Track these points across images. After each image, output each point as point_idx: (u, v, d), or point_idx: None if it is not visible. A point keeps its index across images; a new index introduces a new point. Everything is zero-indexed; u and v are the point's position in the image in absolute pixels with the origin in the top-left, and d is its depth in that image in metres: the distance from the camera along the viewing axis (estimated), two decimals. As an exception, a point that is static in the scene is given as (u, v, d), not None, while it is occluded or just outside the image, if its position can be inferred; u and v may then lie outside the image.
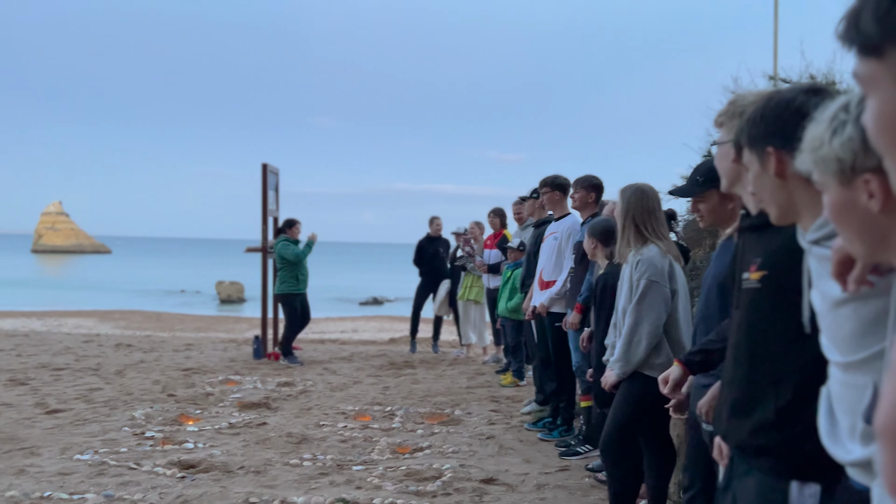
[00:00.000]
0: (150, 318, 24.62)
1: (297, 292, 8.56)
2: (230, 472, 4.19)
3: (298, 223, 8.71)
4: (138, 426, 5.24)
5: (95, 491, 3.81)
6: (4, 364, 8.01)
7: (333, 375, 7.56)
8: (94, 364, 8.06)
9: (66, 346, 9.75)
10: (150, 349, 9.52)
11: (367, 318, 25.92)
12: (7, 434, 4.98)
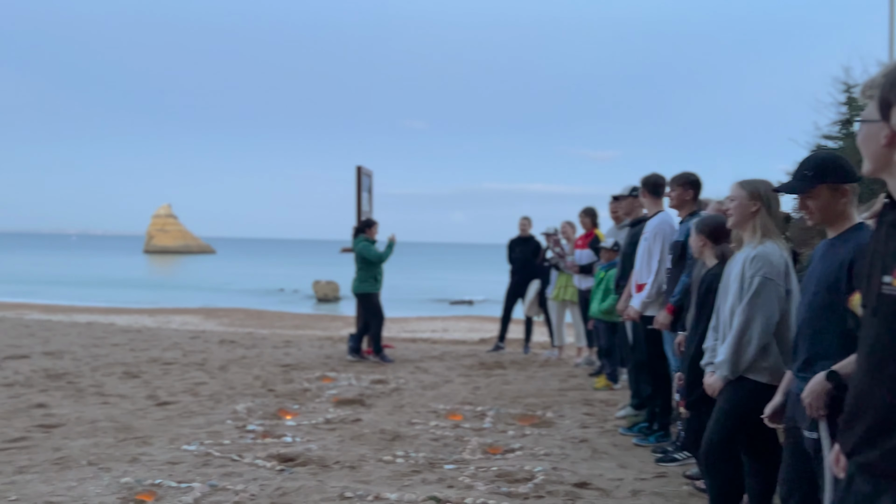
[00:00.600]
0: (251, 316, 25.64)
1: (376, 291, 8.72)
2: (326, 467, 4.30)
3: (376, 224, 8.84)
4: (240, 419, 5.46)
5: (201, 480, 3.99)
6: (119, 358, 8.54)
7: (425, 374, 7.63)
8: (199, 359, 8.47)
9: (175, 341, 10.29)
10: (252, 345, 9.92)
11: (457, 318, 26.04)
12: (122, 424, 5.29)
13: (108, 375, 7.30)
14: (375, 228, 8.81)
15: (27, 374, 7.28)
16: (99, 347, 9.44)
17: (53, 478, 4.02)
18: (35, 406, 5.83)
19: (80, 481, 3.95)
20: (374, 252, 8.58)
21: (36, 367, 7.78)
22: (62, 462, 4.32)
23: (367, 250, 8.55)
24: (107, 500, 3.65)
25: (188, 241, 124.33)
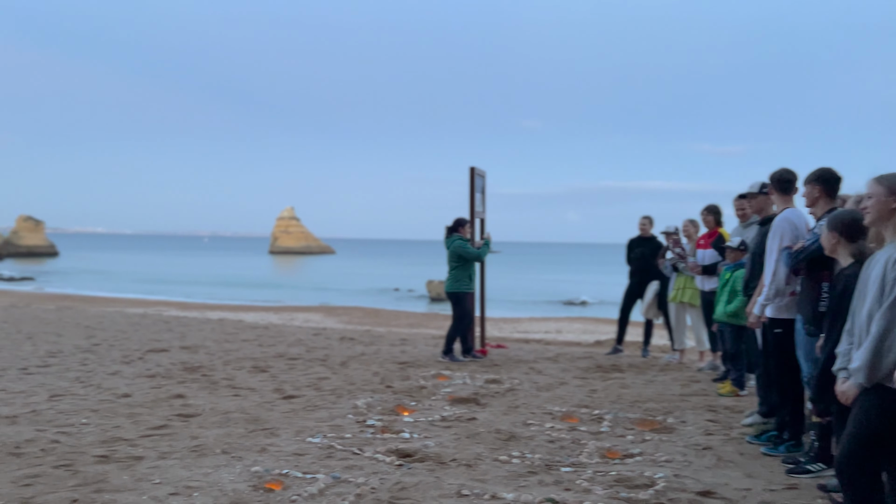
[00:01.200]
0: (369, 314, 26.40)
1: (469, 291, 8.67)
2: (443, 464, 4.36)
3: (469, 223, 8.81)
4: (360, 414, 5.63)
5: (325, 472, 4.14)
6: (249, 353, 9.02)
7: (539, 375, 7.58)
8: (321, 355, 8.81)
9: (299, 338, 10.75)
10: (370, 343, 10.21)
11: (570, 320, 25.71)
12: (252, 415, 5.59)
13: (239, 369, 7.73)
14: (468, 227, 8.78)
15: (167, 367, 7.83)
16: (230, 343, 10.02)
17: (191, 464, 4.30)
18: (174, 396, 6.26)
19: (214, 468, 4.21)
20: (472, 250, 8.55)
21: (174, 360, 8.35)
22: (199, 449, 4.61)
23: (463, 248, 8.51)
24: (239, 487, 3.87)
25: (309, 242, 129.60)
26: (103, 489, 3.82)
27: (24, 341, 9.86)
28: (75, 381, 6.98)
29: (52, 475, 4.05)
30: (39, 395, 6.25)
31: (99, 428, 5.14)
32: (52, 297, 33.10)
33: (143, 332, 11.17)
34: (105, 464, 4.28)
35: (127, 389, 6.55)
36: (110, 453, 4.50)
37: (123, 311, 17.18)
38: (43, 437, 4.88)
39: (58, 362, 8.07)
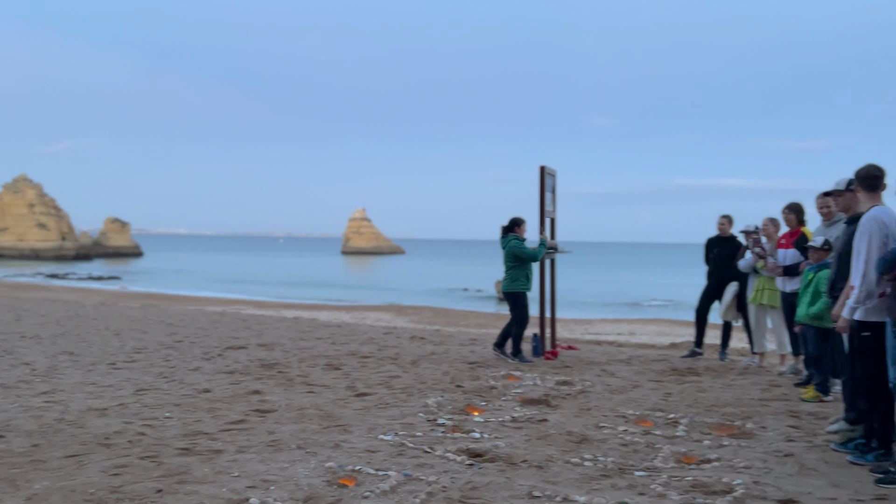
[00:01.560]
0: (438, 314, 26.56)
1: (526, 291, 8.59)
2: (514, 465, 4.34)
3: (525, 222, 8.72)
4: (431, 413, 5.67)
5: (396, 469, 4.19)
6: (322, 350, 9.21)
7: (612, 378, 7.46)
8: (392, 354, 8.91)
9: (370, 336, 10.91)
10: (440, 342, 10.27)
11: (644, 321, 25.20)
12: (326, 412, 5.70)
13: (313, 366, 7.90)
14: (524, 227, 8.70)
15: (245, 363, 8.08)
16: (305, 340, 10.26)
17: (268, 458, 4.42)
18: (252, 392, 6.45)
19: (290, 463, 4.31)
20: (527, 250, 8.48)
21: (252, 357, 8.61)
22: (275, 444, 4.73)
23: (519, 248, 8.46)
24: (313, 482, 3.95)
25: (380, 242, 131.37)
26: (186, 480, 3.97)
27: (112, 337, 10.35)
28: (159, 376, 7.28)
29: (139, 466, 4.23)
30: (126, 389, 6.55)
31: (181, 421, 5.35)
32: (137, 295, 34.63)
33: (223, 330, 11.56)
34: (187, 456, 4.45)
35: (207, 385, 6.80)
36: (192, 446, 4.67)
37: (203, 310, 17.83)
38: (130, 429, 5.11)
39: (143, 358, 8.44)
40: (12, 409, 5.69)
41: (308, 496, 3.73)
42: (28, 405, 5.84)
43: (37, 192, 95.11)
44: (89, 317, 13.46)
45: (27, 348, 9.09)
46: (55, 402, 5.95)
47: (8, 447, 4.63)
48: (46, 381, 6.88)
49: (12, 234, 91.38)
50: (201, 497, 3.69)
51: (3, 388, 6.55)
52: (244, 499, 3.66)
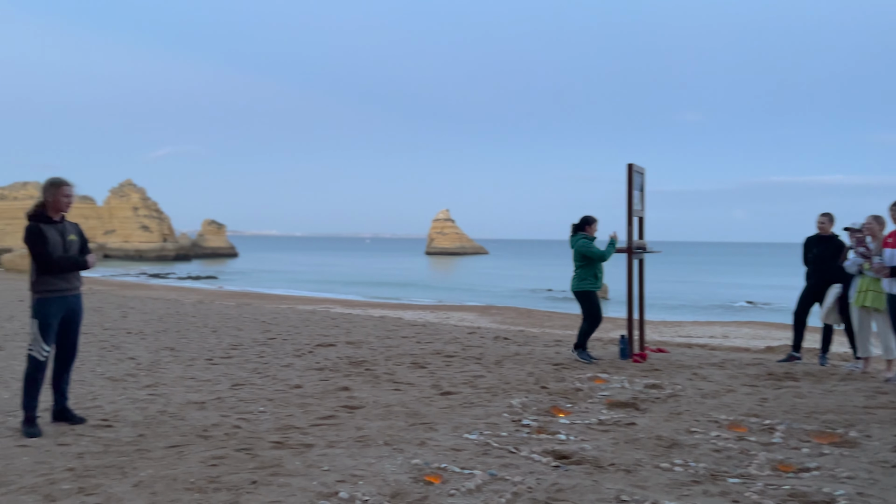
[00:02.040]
0: (521, 314, 26.44)
1: (595, 290, 8.53)
2: (601, 468, 4.27)
3: (596, 221, 8.66)
4: (516, 413, 5.66)
5: (482, 468, 4.20)
6: (408, 349, 9.34)
7: (704, 381, 7.23)
8: (476, 354, 8.94)
9: (454, 336, 10.98)
10: (524, 343, 10.22)
11: (738, 324, 24.28)
12: (411, 410, 5.78)
13: (399, 365, 8.02)
14: (595, 226, 8.65)
15: (334, 361, 8.28)
16: (391, 339, 10.42)
17: (356, 453, 4.52)
18: (341, 389, 6.62)
19: (378, 459, 4.40)
20: (595, 249, 8.41)
21: (341, 354, 8.82)
22: (363, 440, 4.83)
23: (587, 247, 8.41)
24: (400, 478, 4.01)
25: (464, 242, 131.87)
26: (279, 473, 4.11)
27: (209, 334, 10.82)
28: (253, 371, 7.56)
29: (235, 457, 4.42)
30: (223, 384, 6.84)
31: (274, 416, 5.54)
32: (232, 294, 36.05)
33: (313, 328, 11.90)
34: (280, 449, 4.61)
35: (298, 381, 7.01)
36: (284, 440, 4.83)
37: (295, 308, 18.39)
38: (226, 422, 5.34)
39: (238, 354, 8.79)
40: (120, 401, 6.04)
41: (395, 492, 3.79)
42: (134, 397, 6.19)
43: (140, 196, 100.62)
44: (188, 314, 14.13)
45: (133, 344, 9.63)
46: (158, 395, 6.28)
47: (116, 436, 4.92)
48: (150, 375, 7.28)
49: (118, 235, 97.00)
50: (293, 489, 3.81)
51: (111, 380, 6.96)
52: (334, 492, 3.76)
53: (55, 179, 5.17)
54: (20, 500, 3.64)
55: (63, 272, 5.10)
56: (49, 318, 5.06)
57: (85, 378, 6.98)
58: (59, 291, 5.10)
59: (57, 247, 5.07)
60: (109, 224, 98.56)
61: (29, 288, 5.17)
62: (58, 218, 5.17)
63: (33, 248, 5.01)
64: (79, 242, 5.25)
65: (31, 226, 5.04)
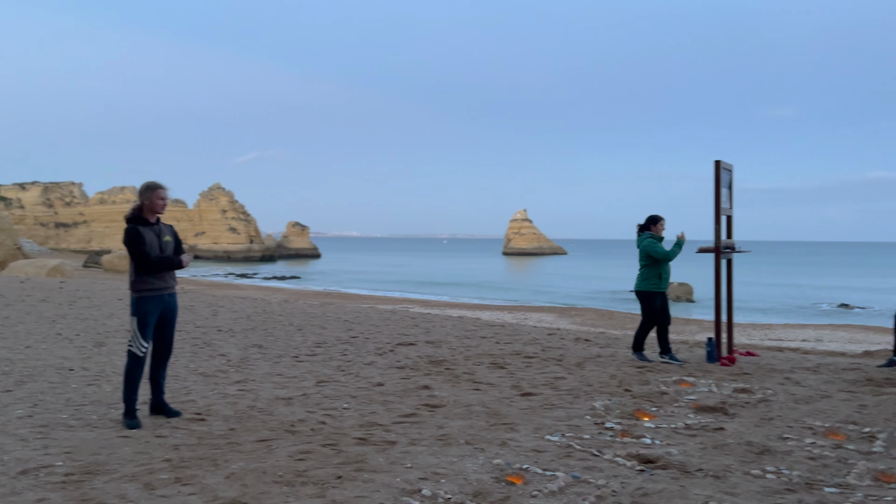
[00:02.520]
0: (602, 316, 26.01)
1: (659, 291, 8.39)
2: (688, 473, 4.16)
3: (663, 220, 8.50)
4: (598, 416, 5.57)
5: (564, 470, 4.16)
6: (487, 349, 9.34)
7: (797, 386, 6.92)
8: (557, 355, 8.85)
9: (534, 337, 10.90)
10: (606, 345, 10.05)
11: (833, 327, 23.16)
12: (492, 410, 5.78)
13: (479, 365, 8.03)
14: (662, 224, 8.50)
15: (414, 359, 8.37)
16: (469, 339, 10.45)
17: (438, 452, 4.55)
18: (421, 387, 6.68)
19: (459, 457, 4.42)
20: (660, 249, 8.25)
21: (421, 353, 8.91)
22: (444, 439, 4.87)
23: (652, 247, 8.27)
24: (482, 478, 4.02)
25: (541, 243, 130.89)
26: (363, 468, 4.19)
27: (295, 332, 11.13)
28: (337, 369, 7.74)
29: (320, 452, 4.53)
30: (308, 381, 7.02)
31: (358, 413, 5.65)
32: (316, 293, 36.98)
33: (393, 327, 12.06)
34: (363, 445, 4.69)
35: (380, 379, 7.13)
36: (368, 436, 4.92)
37: (375, 308, 18.69)
38: (312, 418, 5.48)
39: (322, 352, 9.01)
40: (212, 396, 6.29)
41: (477, 491, 3.80)
42: (225, 392, 6.44)
43: (228, 199, 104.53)
44: (275, 313, 14.58)
45: (223, 341, 10.01)
46: (247, 391, 6.51)
47: (209, 429, 5.13)
48: (240, 371, 7.55)
49: (208, 237, 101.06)
50: (377, 485, 3.88)
51: (203, 376, 7.26)
52: (417, 489, 3.80)
53: (151, 183, 5.43)
54: (123, 487, 3.85)
55: (159, 272, 5.35)
56: (147, 315, 5.32)
57: (179, 373, 7.31)
58: (156, 290, 5.36)
59: (153, 247, 5.32)
60: (199, 226, 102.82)
61: (128, 287, 5.45)
62: (154, 220, 5.43)
63: (132, 249, 5.27)
64: (173, 243, 5.50)
65: (129, 228, 5.32)
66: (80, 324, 11.67)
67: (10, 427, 5.07)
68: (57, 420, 5.31)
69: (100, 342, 9.60)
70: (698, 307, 32.50)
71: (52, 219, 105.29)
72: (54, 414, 5.50)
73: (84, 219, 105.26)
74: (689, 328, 21.49)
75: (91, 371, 7.40)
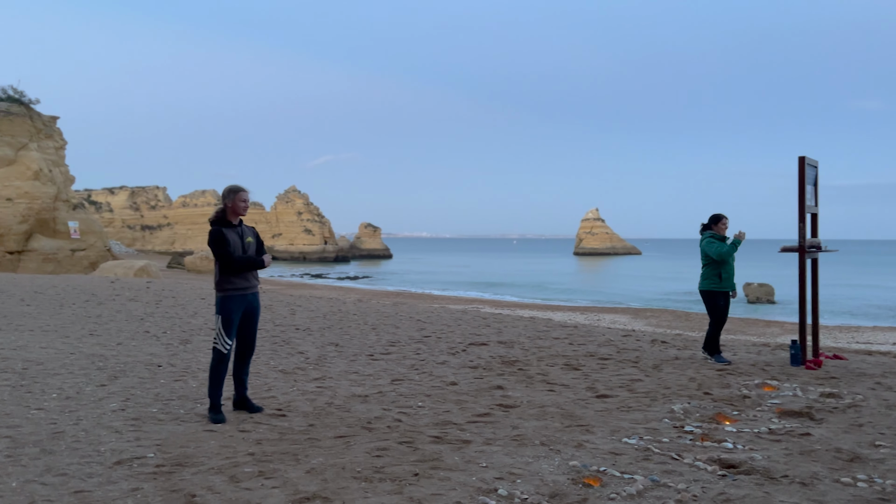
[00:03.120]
0: (679, 317, 25.38)
1: (721, 290, 8.32)
2: (773, 479, 4.02)
3: (725, 219, 8.44)
4: (677, 419, 5.45)
5: (643, 474, 4.09)
6: (560, 350, 9.26)
7: (889, 392, 6.59)
8: (633, 357, 8.70)
9: (608, 338, 10.74)
10: (683, 347, 9.81)
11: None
12: (567, 411, 5.73)
13: (552, 366, 7.98)
14: (724, 223, 8.43)
15: (487, 360, 8.39)
16: (542, 340, 10.39)
17: (513, 452, 4.55)
18: (495, 387, 6.69)
19: (535, 458, 4.40)
20: (715, 248, 8.20)
21: (493, 353, 8.91)
22: (519, 439, 4.86)
23: (709, 246, 8.26)
24: (558, 479, 4.00)
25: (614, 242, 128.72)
26: (438, 466, 4.23)
27: (369, 331, 11.32)
28: (411, 368, 7.82)
29: (397, 449, 4.59)
30: (384, 379, 7.13)
31: (432, 411, 5.70)
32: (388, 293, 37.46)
33: (465, 327, 12.11)
34: (439, 444, 4.73)
35: (454, 378, 7.17)
36: (443, 435, 4.96)
37: (446, 307, 18.80)
38: (388, 415, 5.56)
39: (396, 351, 9.13)
40: (292, 392, 6.47)
41: (554, 492, 3.78)
42: (304, 389, 6.61)
43: (304, 201, 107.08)
44: (349, 312, 14.85)
45: (301, 339, 10.27)
46: (325, 388, 6.66)
47: (290, 425, 5.28)
48: (317, 369, 7.73)
49: (284, 238, 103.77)
50: (453, 483, 3.91)
51: (283, 373, 7.47)
52: (493, 489, 3.81)
53: (233, 186, 5.63)
54: (210, 479, 4.00)
55: (242, 272, 5.54)
56: (231, 314, 5.51)
57: (260, 370, 7.54)
58: (239, 290, 5.55)
59: (236, 248, 5.52)
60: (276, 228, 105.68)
61: (214, 287, 5.67)
62: (236, 222, 5.62)
63: (216, 250, 5.48)
64: (255, 244, 5.69)
65: (213, 230, 5.52)
66: (167, 322, 12.19)
67: (105, 419, 5.35)
68: (147, 414, 5.57)
69: (185, 339, 10.00)
70: (780, 308, 31.32)
71: (138, 221, 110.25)
72: (145, 408, 5.77)
73: (168, 221, 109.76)
74: (771, 330, 20.72)
75: (177, 367, 7.72)
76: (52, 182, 41.28)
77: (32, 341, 9.40)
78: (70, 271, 38.27)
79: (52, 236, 40.65)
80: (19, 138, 41.05)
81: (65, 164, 44.38)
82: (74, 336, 10.12)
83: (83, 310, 13.92)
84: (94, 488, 3.83)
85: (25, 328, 10.86)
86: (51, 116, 43.70)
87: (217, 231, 5.50)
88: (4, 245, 39.04)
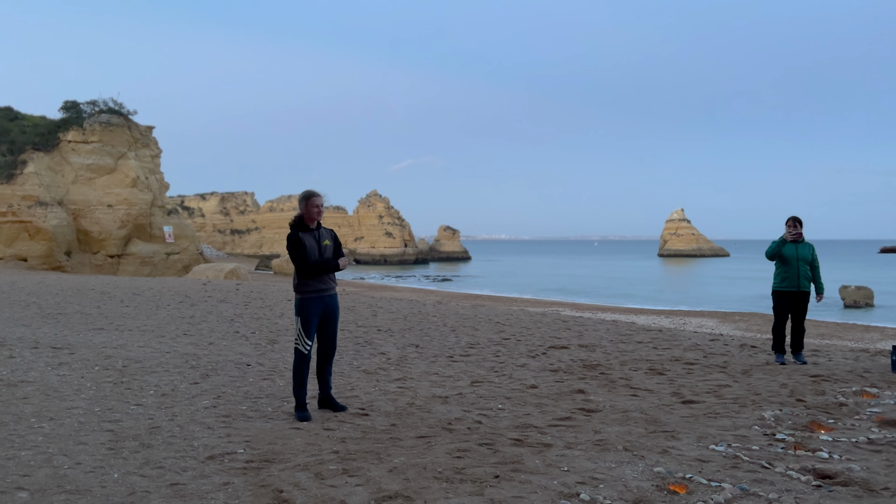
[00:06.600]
0: (769, 321, 24.33)
1: (779, 289, 8.47)
2: (873, 491, 3.82)
3: (789, 220, 8.51)
4: (768, 427, 5.24)
5: (731, 482, 3.95)
6: (644, 354, 9.06)
7: None
8: (720, 362, 8.42)
9: (694, 343, 10.43)
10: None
11: None
12: (650, 417, 5.60)
13: (635, 370, 7.81)
14: (788, 224, 8.51)
15: (567, 363, 8.29)
16: (625, 343, 10.19)
17: (595, 457, 4.49)
18: (576, 391, 6.61)
19: (617, 463, 4.33)
20: (771, 247, 8.46)
21: (574, 357, 8.81)
22: (601, 444, 4.79)
23: (770, 246, 8.50)
24: (642, 485, 3.91)
25: (700, 244, 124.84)
26: (519, 469, 4.21)
27: (448, 333, 11.39)
28: (491, 370, 7.83)
29: (478, 451, 4.61)
30: (463, 381, 7.16)
31: (512, 414, 5.69)
32: (467, 295, 37.57)
33: (544, 330, 12.01)
34: (519, 447, 4.72)
35: (534, 381, 7.13)
36: (523, 438, 4.94)
37: (526, 310, 18.69)
38: (468, 417, 5.58)
39: (476, 353, 9.15)
40: (374, 392, 6.59)
41: (638, 498, 3.71)
42: (386, 389, 6.72)
43: (385, 205, 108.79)
44: (429, 314, 14.98)
45: (382, 340, 10.44)
46: (406, 388, 6.75)
47: (372, 424, 5.38)
48: (399, 370, 7.84)
49: (366, 241, 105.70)
50: (534, 487, 3.89)
51: (366, 373, 7.61)
52: (575, 493, 3.77)
53: (306, 192, 5.77)
54: (296, 476, 4.13)
55: (317, 275, 5.66)
56: (309, 315, 5.65)
57: (343, 370, 7.71)
58: (316, 292, 5.68)
59: (313, 251, 5.65)
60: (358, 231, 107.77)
61: (293, 289, 5.84)
62: (314, 226, 5.76)
63: (292, 254, 5.64)
64: (332, 247, 5.80)
65: (290, 234, 5.68)
66: (255, 323, 12.63)
67: (198, 416, 5.59)
68: (237, 411, 5.79)
69: (272, 340, 10.33)
70: (879, 313, 29.66)
71: (227, 226, 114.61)
72: (235, 405, 6.00)
73: (255, 225, 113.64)
74: (870, 335, 19.63)
75: (265, 366, 7.99)
76: (149, 189, 43.47)
77: (132, 340, 9.92)
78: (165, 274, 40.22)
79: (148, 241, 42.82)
80: (119, 148, 43.41)
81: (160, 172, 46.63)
82: (169, 336, 10.61)
83: (177, 311, 14.58)
84: (189, 481, 4.01)
85: (125, 328, 11.47)
86: (147, 126, 46.02)
87: (293, 235, 5.65)
88: (106, 249, 41.40)
